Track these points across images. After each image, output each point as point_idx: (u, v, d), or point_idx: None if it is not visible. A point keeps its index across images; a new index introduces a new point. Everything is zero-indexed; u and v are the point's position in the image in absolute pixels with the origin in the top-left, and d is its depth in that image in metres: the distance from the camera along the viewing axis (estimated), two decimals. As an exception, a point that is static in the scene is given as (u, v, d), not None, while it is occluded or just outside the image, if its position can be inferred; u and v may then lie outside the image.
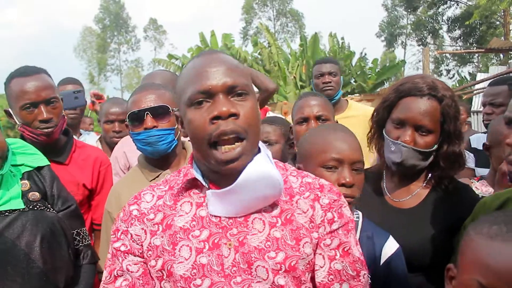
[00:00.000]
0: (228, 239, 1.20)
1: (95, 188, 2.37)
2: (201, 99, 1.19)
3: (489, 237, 1.09)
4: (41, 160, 1.82)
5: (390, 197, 1.91)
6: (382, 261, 1.58)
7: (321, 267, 1.24)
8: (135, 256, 1.26)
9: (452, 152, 1.81)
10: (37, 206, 1.67)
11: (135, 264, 1.26)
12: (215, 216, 1.22)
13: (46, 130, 2.11)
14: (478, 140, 3.14)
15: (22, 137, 2.22)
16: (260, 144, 1.28)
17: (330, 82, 3.38)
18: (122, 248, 1.27)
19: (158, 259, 1.23)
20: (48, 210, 1.71)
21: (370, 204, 1.71)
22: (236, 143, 1.18)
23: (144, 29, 49.71)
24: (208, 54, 1.26)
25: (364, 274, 1.28)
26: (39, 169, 1.79)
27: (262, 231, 1.21)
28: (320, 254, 1.25)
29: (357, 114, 1.99)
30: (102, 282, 1.29)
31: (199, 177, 1.25)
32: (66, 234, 1.73)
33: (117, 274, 1.27)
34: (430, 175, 1.88)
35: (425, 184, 1.88)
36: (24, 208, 1.63)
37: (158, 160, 2.06)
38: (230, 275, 1.18)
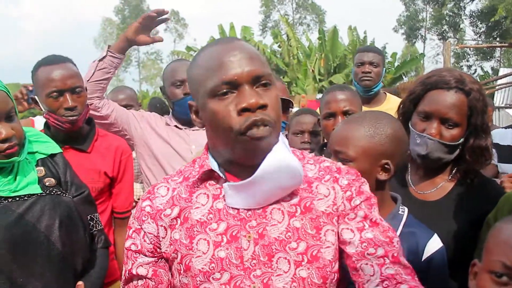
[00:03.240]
0: (247, 231, 1.17)
1: (116, 176, 2.40)
2: (225, 90, 1.13)
3: None
4: (54, 147, 1.84)
5: (415, 189, 1.90)
6: (424, 257, 1.56)
7: (351, 239, 1.19)
8: (145, 256, 1.24)
9: (478, 146, 1.79)
10: (54, 191, 1.69)
11: (146, 263, 1.24)
12: (232, 208, 1.19)
13: (70, 118, 2.15)
14: (500, 135, 3.07)
15: (47, 125, 2.28)
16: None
17: (370, 73, 3.25)
18: (133, 248, 1.25)
19: (177, 253, 1.21)
20: (64, 195, 1.73)
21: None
22: (263, 127, 1.13)
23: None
24: (227, 42, 1.20)
25: (397, 240, 1.22)
26: (52, 156, 1.81)
27: (281, 222, 1.18)
28: (348, 228, 1.21)
29: (395, 107, 1.98)
30: (121, 280, 1.30)
31: (216, 169, 1.22)
32: (82, 218, 1.76)
33: (128, 275, 1.26)
34: (455, 168, 1.86)
35: (450, 177, 1.86)
36: (41, 193, 1.65)
37: None
38: (249, 268, 1.16)
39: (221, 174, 1.21)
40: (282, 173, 1.15)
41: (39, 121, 3.67)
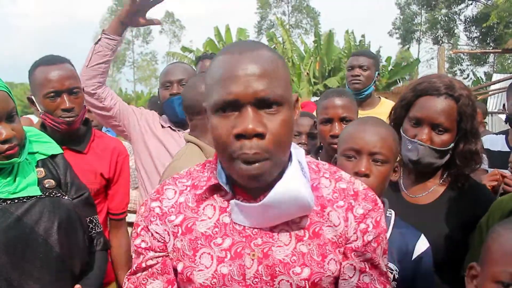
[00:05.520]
0: (252, 249, 1.14)
1: (112, 177, 2.39)
2: (226, 108, 1.07)
3: None
4: (54, 148, 1.83)
5: (407, 193, 1.93)
6: (414, 257, 1.62)
7: (350, 278, 1.18)
8: (156, 252, 1.22)
9: (468, 150, 1.83)
10: (53, 193, 1.69)
11: (156, 257, 1.22)
12: (239, 224, 1.16)
13: (67, 119, 2.14)
14: (491, 141, 3.07)
15: (43, 125, 2.25)
16: (293, 145, 1.18)
17: (358, 76, 3.28)
18: (143, 245, 1.23)
19: (179, 262, 1.19)
20: (63, 197, 1.72)
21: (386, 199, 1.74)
22: (256, 164, 1.07)
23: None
24: (240, 52, 1.09)
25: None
26: (52, 157, 1.80)
27: (288, 244, 1.15)
28: (352, 264, 1.18)
29: (388, 111, 2.01)
30: (126, 274, 1.29)
31: (223, 184, 1.18)
32: (81, 221, 1.76)
33: (136, 268, 1.24)
34: (446, 173, 1.90)
35: (441, 181, 1.90)
36: (41, 195, 1.65)
37: None
38: (251, 285, 1.14)
39: (228, 189, 1.18)
40: (290, 204, 1.11)
41: (34, 118, 3.67)
